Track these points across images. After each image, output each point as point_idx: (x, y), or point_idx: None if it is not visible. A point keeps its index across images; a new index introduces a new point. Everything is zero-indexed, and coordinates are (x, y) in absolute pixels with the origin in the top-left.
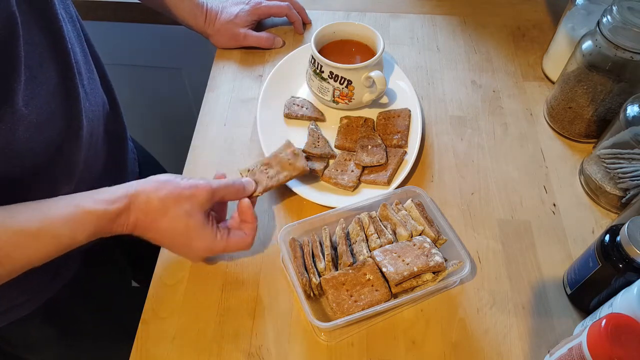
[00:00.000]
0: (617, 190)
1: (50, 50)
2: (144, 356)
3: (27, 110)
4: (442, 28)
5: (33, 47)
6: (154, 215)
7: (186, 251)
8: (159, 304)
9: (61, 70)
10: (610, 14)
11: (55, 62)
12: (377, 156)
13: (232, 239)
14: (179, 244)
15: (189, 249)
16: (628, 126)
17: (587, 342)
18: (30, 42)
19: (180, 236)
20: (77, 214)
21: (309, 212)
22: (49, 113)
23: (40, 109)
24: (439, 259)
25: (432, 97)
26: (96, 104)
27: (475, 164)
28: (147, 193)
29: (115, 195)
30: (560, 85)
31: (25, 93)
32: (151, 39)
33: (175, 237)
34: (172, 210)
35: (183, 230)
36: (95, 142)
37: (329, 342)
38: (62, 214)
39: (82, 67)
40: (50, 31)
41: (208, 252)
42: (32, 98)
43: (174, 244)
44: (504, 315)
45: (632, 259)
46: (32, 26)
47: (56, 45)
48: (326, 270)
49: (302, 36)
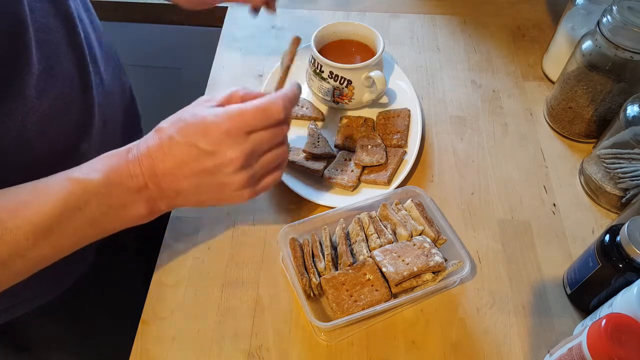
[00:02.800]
0: (617, 190)
1: (66, 39)
2: (144, 356)
3: (39, 102)
4: (442, 28)
5: (49, 36)
6: (156, 153)
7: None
8: (159, 304)
9: (77, 59)
10: (610, 13)
11: (71, 51)
12: (377, 156)
13: (250, 103)
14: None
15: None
16: (628, 126)
17: (587, 342)
18: (45, 29)
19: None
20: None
21: (309, 212)
22: (63, 105)
23: (54, 101)
24: (439, 259)
25: (432, 97)
26: (113, 93)
27: (475, 164)
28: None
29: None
30: (560, 85)
31: (38, 84)
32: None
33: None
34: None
35: (185, 121)
36: (112, 132)
37: (329, 342)
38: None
39: (98, 55)
40: (64, 19)
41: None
42: (45, 90)
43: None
44: (504, 315)
45: (632, 259)
46: (47, 14)
47: (70, 34)
48: (326, 270)
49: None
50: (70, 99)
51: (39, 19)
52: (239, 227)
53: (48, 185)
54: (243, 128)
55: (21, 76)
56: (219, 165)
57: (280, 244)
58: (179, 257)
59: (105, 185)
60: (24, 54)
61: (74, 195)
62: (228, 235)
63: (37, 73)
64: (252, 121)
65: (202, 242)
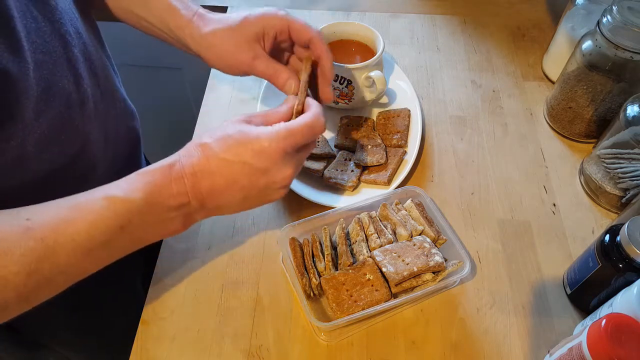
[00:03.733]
0: (617, 190)
1: (63, 57)
2: (144, 356)
3: (37, 123)
4: (442, 28)
5: (46, 56)
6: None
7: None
8: (159, 304)
9: (74, 76)
10: (610, 13)
11: (68, 68)
12: (377, 156)
13: (297, 120)
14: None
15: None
16: (628, 126)
17: (587, 342)
18: (42, 50)
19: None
20: (127, 179)
21: (309, 212)
22: (60, 123)
23: (52, 120)
24: (439, 259)
25: (432, 97)
26: (113, 104)
27: (475, 164)
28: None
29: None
30: (560, 85)
31: (37, 106)
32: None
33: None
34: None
35: (235, 142)
36: (113, 146)
37: (329, 342)
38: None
39: (98, 67)
40: (60, 36)
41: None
42: (44, 111)
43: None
44: (504, 315)
45: (632, 259)
46: (43, 33)
47: (67, 50)
48: (326, 270)
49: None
50: (68, 115)
51: (35, 39)
52: (239, 227)
53: (88, 203)
54: (294, 146)
55: (20, 101)
56: (270, 182)
57: (280, 244)
58: (179, 257)
59: (146, 205)
60: (22, 78)
61: (116, 214)
62: (228, 235)
63: (36, 95)
64: (301, 139)
65: (202, 242)
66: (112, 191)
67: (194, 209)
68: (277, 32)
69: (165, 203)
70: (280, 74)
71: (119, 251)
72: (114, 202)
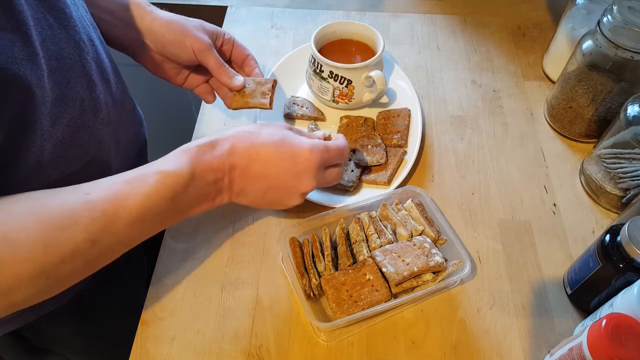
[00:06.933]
0: (618, 190)
1: (78, 63)
2: (144, 356)
3: (53, 129)
4: (442, 27)
5: (60, 63)
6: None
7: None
8: (158, 304)
9: (87, 82)
10: (611, 13)
11: (82, 74)
12: (377, 156)
13: (331, 142)
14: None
15: (294, 162)
16: (628, 126)
17: (588, 342)
18: (57, 57)
19: (281, 145)
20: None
21: (309, 212)
22: (75, 129)
23: (66, 127)
24: (439, 259)
25: (432, 97)
26: (123, 108)
27: (475, 164)
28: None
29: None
30: (560, 84)
31: (53, 113)
32: None
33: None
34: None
35: (279, 139)
36: (123, 149)
37: (329, 342)
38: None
39: (110, 74)
40: (75, 43)
41: (313, 158)
42: (59, 117)
43: (279, 164)
44: (504, 315)
45: (632, 259)
46: (59, 40)
47: (81, 57)
48: (326, 270)
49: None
50: (82, 122)
51: (50, 47)
52: (239, 227)
53: (142, 178)
54: (328, 162)
55: (38, 107)
56: (296, 186)
57: (280, 244)
58: (179, 257)
59: (192, 178)
60: (37, 85)
61: (167, 187)
62: (228, 235)
63: (51, 101)
64: (334, 158)
65: (202, 242)
66: (164, 166)
67: (225, 186)
68: (226, 40)
69: (205, 178)
70: (227, 68)
71: (166, 221)
72: (166, 176)
